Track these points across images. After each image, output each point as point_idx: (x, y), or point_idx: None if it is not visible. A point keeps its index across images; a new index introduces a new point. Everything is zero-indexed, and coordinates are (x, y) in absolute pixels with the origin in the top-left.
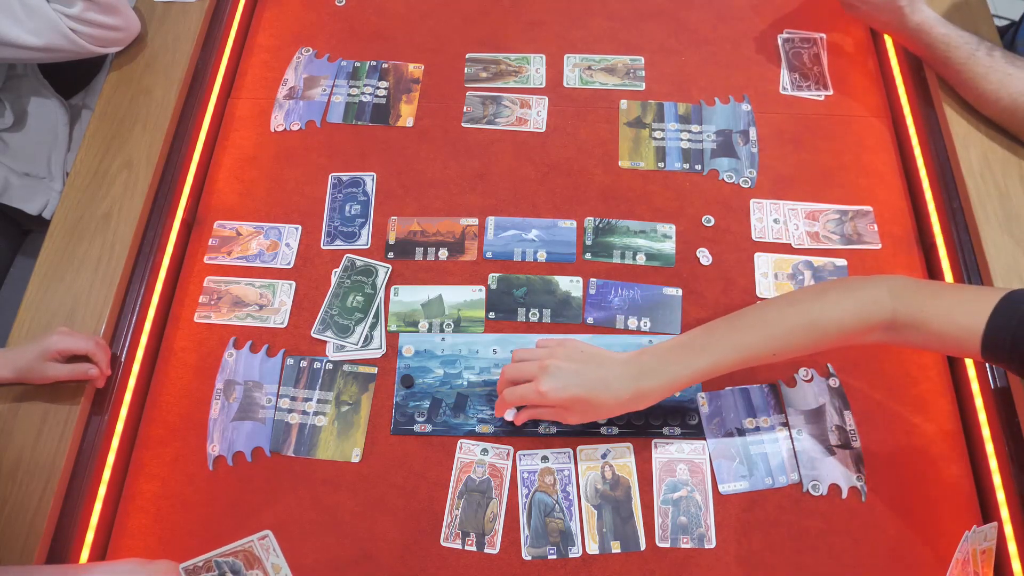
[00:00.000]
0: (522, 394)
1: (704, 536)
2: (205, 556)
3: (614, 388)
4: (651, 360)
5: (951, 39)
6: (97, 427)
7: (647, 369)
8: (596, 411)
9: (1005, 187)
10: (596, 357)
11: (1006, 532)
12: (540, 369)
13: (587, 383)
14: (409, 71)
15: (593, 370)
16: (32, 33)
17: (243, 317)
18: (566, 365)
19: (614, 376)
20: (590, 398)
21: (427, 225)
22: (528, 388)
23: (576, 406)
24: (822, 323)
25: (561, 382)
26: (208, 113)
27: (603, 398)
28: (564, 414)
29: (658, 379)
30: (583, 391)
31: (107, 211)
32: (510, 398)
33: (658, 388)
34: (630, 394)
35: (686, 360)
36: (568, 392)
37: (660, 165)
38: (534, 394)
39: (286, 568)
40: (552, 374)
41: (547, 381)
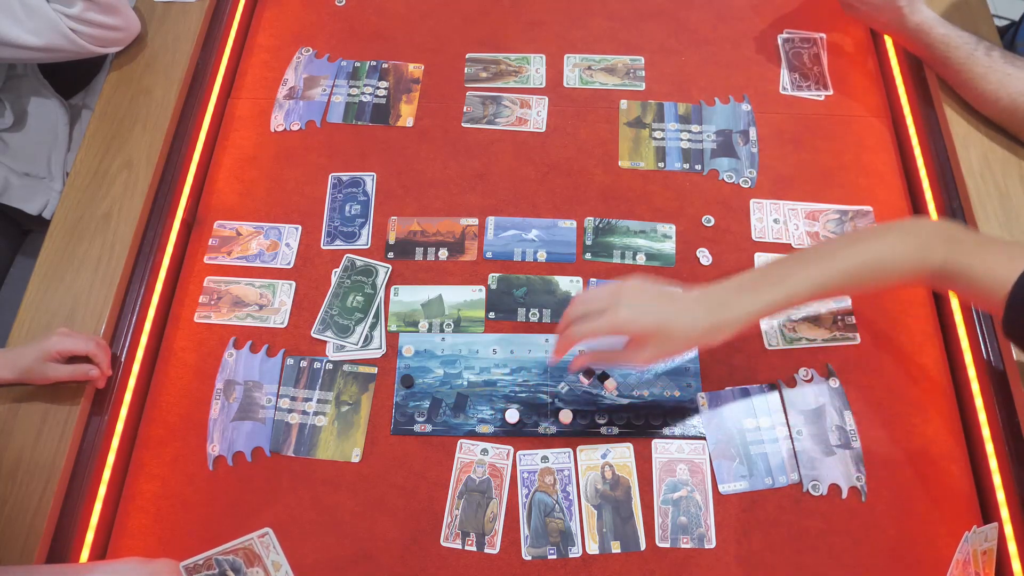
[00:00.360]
0: (594, 327)
1: (704, 536)
2: (205, 554)
3: (691, 318)
4: (725, 293)
5: (951, 39)
6: (97, 427)
7: (723, 301)
8: (673, 343)
9: (1005, 187)
10: (667, 290)
11: (1006, 532)
12: (613, 299)
13: (664, 311)
14: (409, 71)
15: (668, 301)
16: (32, 33)
17: (243, 317)
18: (641, 295)
19: (689, 308)
20: (669, 328)
21: (427, 225)
22: (601, 320)
23: (653, 337)
24: (886, 264)
25: (638, 310)
26: (208, 113)
27: (681, 327)
28: (638, 349)
29: (734, 311)
30: (661, 319)
31: (107, 211)
32: (579, 332)
33: (734, 320)
34: (707, 324)
35: (761, 293)
36: (646, 320)
37: (660, 165)
38: (608, 325)
39: (286, 565)
40: (628, 303)
41: (623, 310)
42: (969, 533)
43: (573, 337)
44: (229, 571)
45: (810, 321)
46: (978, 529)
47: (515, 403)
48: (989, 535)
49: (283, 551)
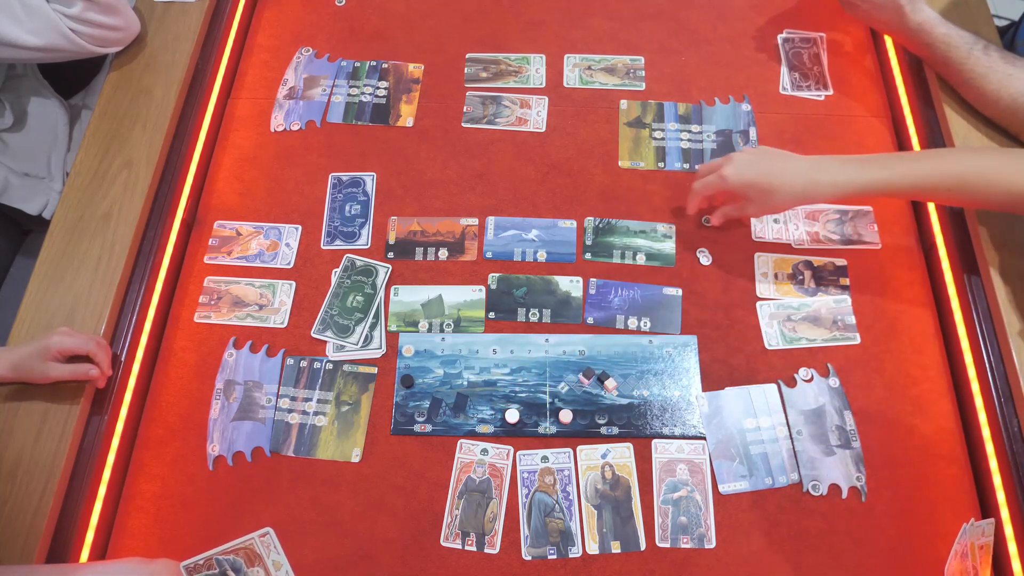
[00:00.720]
0: (707, 181)
1: (704, 536)
2: (206, 554)
3: (789, 175)
4: (830, 161)
5: (951, 39)
6: (97, 427)
7: (824, 165)
8: (771, 197)
9: None
10: (780, 153)
11: (1006, 532)
12: (725, 159)
13: (764, 168)
14: (409, 71)
15: (772, 159)
16: (32, 33)
17: (243, 317)
18: (749, 155)
19: (791, 166)
20: (766, 183)
21: (427, 225)
22: (713, 175)
23: (752, 191)
24: (1003, 177)
25: (741, 167)
26: (208, 113)
27: (778, 183)
28: (743, 203)
29: (832, 176)
30: (759, 175)
31: (107, 211)
32: (698, 186)
33: (831, 184)
34: (803, 183)
35: (864, 169)
36: (746, 175)
37: (660, 165)
38: (717, 178)
39: (287, 565)
40: (734, 161)
41: (728, 167)
42: (967, 525)
43: (696, 190)
44: (230, 571)
45: (810, 321)
46: (976, 523)
47: (515, 403)
48: (987, 530)
49: (283, 551)
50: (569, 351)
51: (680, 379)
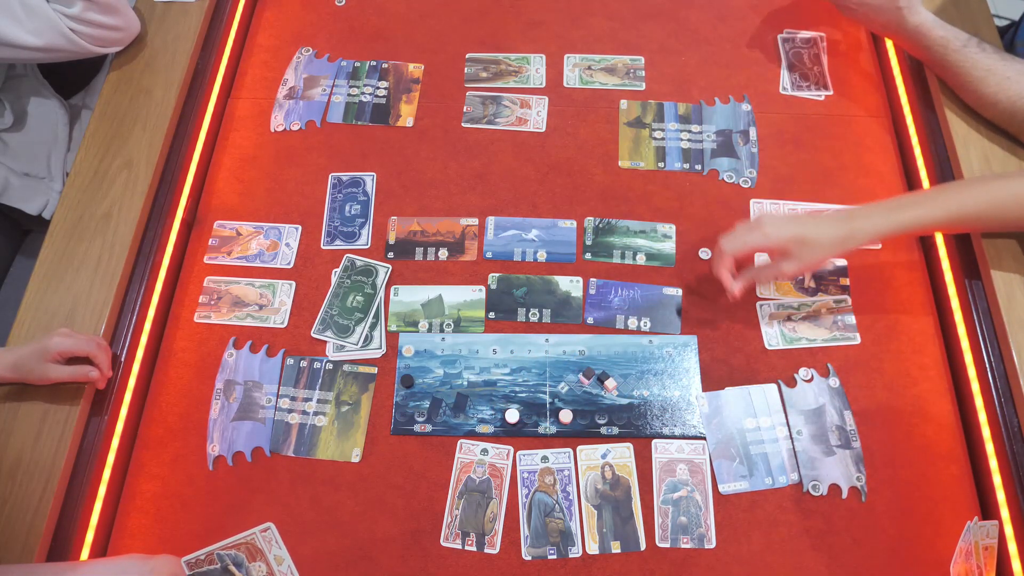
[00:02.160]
0: (745, 239)
1: (704, 536)
2: (207, 549)
3: (827, 225)
4: (861, 209)
5: (949, 42)
6: (97, 427)
7: (861, 212)
8: (812, 249)
9: None
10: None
11: (1006, 532)
12: (757, 221)
13: (803, 222)
14: (409, 71)
15: (806, 216)
16: (32, 33)
17: (243, 317)
18: (780, 215)
19: (827, 218)
20: (808, 237)
21: (427, 225)
22: (748, 235)
23: (793, 244)
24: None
25: (780, 223)
26: (208, 113)
27: (817, 233)
28: (783, 261)
29: (871, 220)
30: (799, 228)
31: (107, 211)
32: (731, 245)
33: (871, 228)
34: (844, 231)
35: (901, 210)
36: (786, 230)
37: (660, 165)
38: (759, 235)
39: (288, 560)
40: (772, 219)
41: (767, 224)
42: (971, 523)
43: (724, 250)
44: (231, 565)
45: (810, 321)
46: (980, 523)
47: (515, 403)
48: (991, 531)
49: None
50: (569, 351)
51: (680, 379)
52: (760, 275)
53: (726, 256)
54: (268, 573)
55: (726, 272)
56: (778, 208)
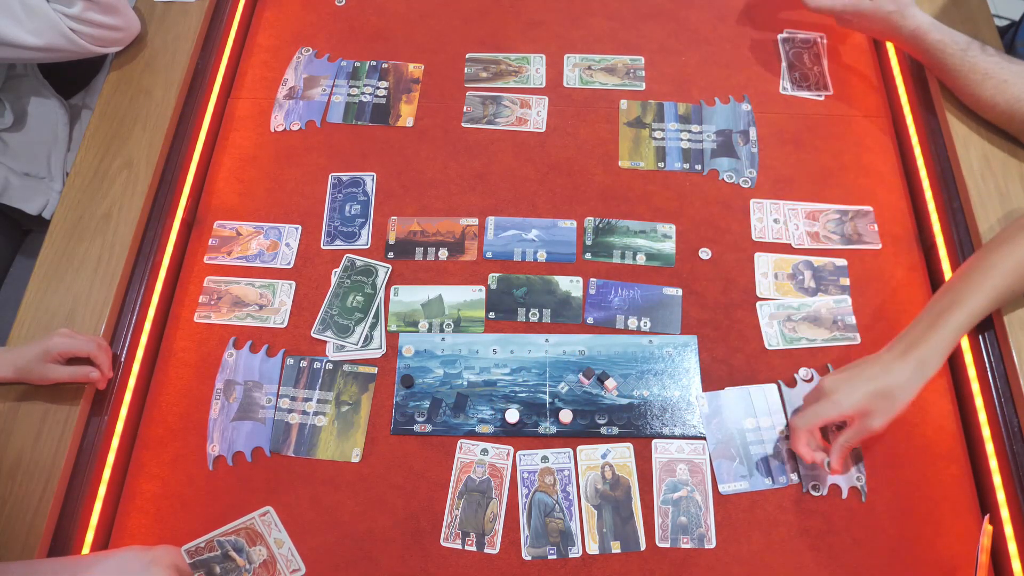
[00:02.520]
0: (818, 413)
1: (704, 536)
2: (207, 536)
3: (898, 371)
4: (915, 336)
5: (945, 45)
6: (97, 427)
7: (917, 341)
8: (894, 399)
9: (1005, 187)
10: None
11: (1006, 532)
12: (822, 390)
13: (871, 377)
14: (409, 71)
15: (868, 366)
16: (32, 33)
17: (243, 317)
18: (841, 375)
19: (889, 362)
20: (882, 388)
21: (427, 225)
22: (820, 404)
23: (873, 403)
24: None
25: (849, 387)
26: (208, 113)
27: (891, 381)
28: (868, 421)
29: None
30: (874, 386)
31: (107, 211)
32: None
33: (934, 350)
34: (913, 367)
35: (949, 314)
36: (858, 392)
37: (660, 165)
38: (830, 406)
39: (289, 542)
40: (838, 384)
41: (836, 392)
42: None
43: (798, 428)
44: (231, 551)
45: (810, 321)
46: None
47: (515, 403)
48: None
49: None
50: (569, 351)
51: (680, 379)
52: (850, 441)
53: (801, 433)
54: (269, 556)
55: (805, 448)
56: (778, 208)
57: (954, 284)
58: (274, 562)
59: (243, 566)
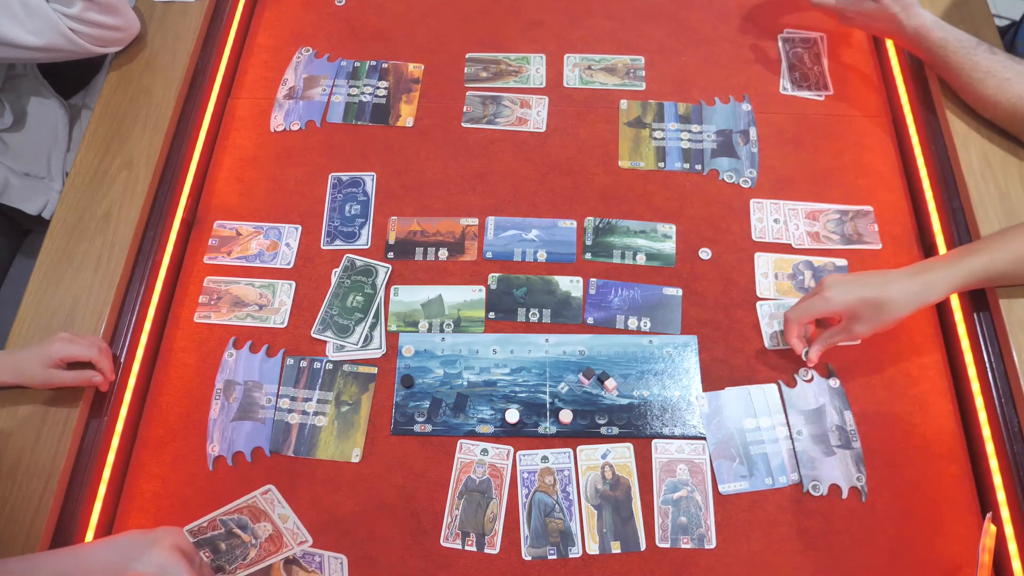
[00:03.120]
0: (808, 305)
1: (704, 536)
2: (209, 516)
3: (898, 282)
4: (929, 261)
5: (948, 43)
6: (97, 427)
7: (927, 267)
8: (884, 310)
9: (1005, 187)
10: (869, 271)
11: (1006, 532)
12: (821, 285)
13: (869, 282)
14: (409, 71)
15: (871, 275)
16: (32, 33)
17: (243, 317)
18: (845, 276)
19: (895, 274)
20: (875, 296)
21: (427, 225)
22: (814, 299)
23: (862, 307)
24: None
25: (844, 288)
26: (208, 113)
27: (890, 293)
28: (850, 324)
29: (941, 272)
30: (867, 289)
31: (107, 211)
32: (795, 314)
33: (942, 279)
34: (916, 287)
35: (967, 256)
36: (852, 294)
37: (660, 165)
38: (820, 301)
39: (294, 516)
40: (833, 284)
41: (829, 290)
42: (989, 514)
43: (789, 319)
44: (235, 528)
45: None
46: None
47: (515, 403)
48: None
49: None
50: (569, 351)
51: (680, 379)
52: (832, 340)
53: (792, 325)
54: (274, 531)
55: (796, 340)
56: (778, 208)
57: (988, 236)
58: (280, 536)
59: (248, 541)
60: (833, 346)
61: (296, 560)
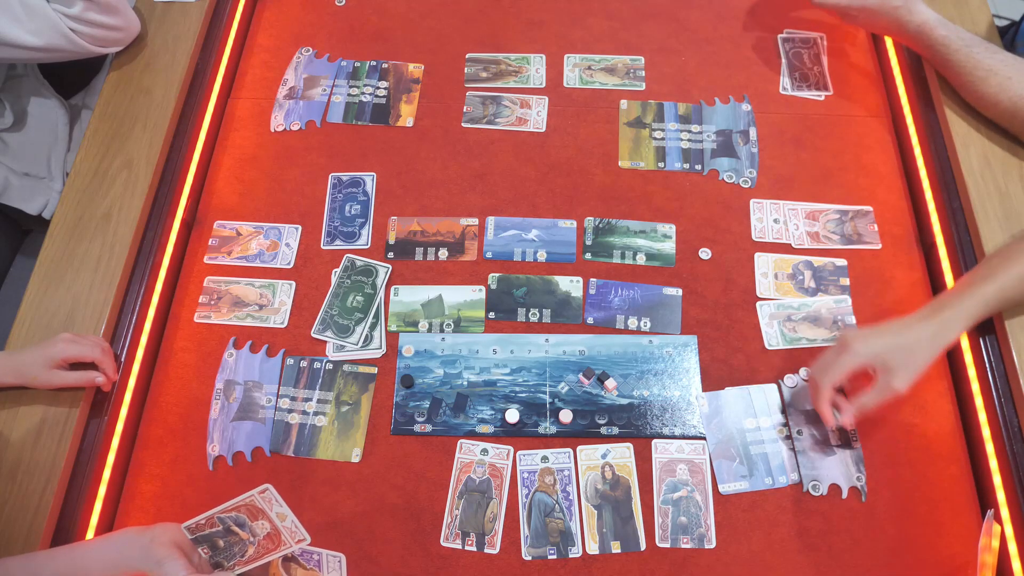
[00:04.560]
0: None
1: (704, 536)
2: (207, 513)
3: (918, 327)
4: (941, 300)
5: (950, 42)
6: (97, 427)
7: (941, 304)
8: (913, 354)
9: (1005, 187)
10: (884, 323)
11: (1006, 532)
12: (842, 342)
13: (890, 331)
14: (409, 71)
15: (890, 324)
16: (32, 33)
17: (243, 317)
18: (863, 328)
19: (911, 320)
20: (901, 341)
21: (427, 225)
22: (841, 356)
23: (891, 356)
24: None
25: (867, 338)
26: (208, 113)
27: (911, 336)
28: (890, 378)
29: (955, 308)
30: (892, 337)
31: (107, 211)
32: (827, 377)
33: (958, 315)
34: (934, 327)
35: (978, 286)
36: (879, 343)
37: (660, 165)
38: (848, 356)
39: (292, 515)
40: (857, 335)
41: (855, 341)
42: (990, 511)
43: (821, 384)
44: (233, 526)
45: (810, 321)
46: (994, 524)
47: (515, 403)
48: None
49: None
50: (569, 351)
51: (680, 379)
52: (871, 402)
53: (826, 390)
54: (272, 529)
55: (829, 408)
56: (778, 208)
57: (991, 260)
58: (278, 534)
59: (247, 539)
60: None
61: (294, 558)
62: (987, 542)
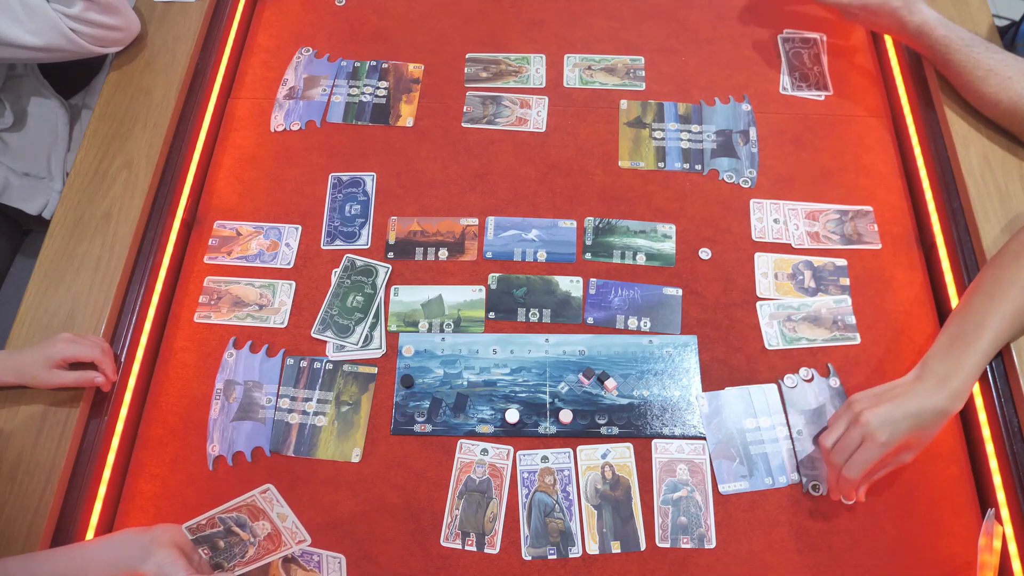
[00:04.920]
0: (865, 458)
1: (704, 536)
2: (208, 514)
3: (934, 405)
4: (942, 364)
5: (951, 41)
6: (97, 427)
7: (948, 371)
8: (930, 433)
9: (1005, 187)
10: (893, 391)
11: (1006, 532)
12: (862, 427)
13: (911, 411)
14: (409, 71)
15: (905, 401)
16: (32, 33)
17: (243, 317)
18: (881, 410)
19: (925, 395)
20: (923, 424)
21: (427, 225)
22: (866, 447)
23: (915, 439)
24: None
25: (891, 423)
26: (208, 113)
27: (932, 418)
28: (903, 454)
29: (958, 373)
30: (912, 420)
31: (107, 211)
32: (857, 470)
33: (963, 379)
34: (946, 399)
35: (972, 338)
36: (900, 427)
37: (660, 165)
38: (877, 448)
39: (292, 516)
40: (878, 420)
41: (880, 432)
42: (991, 511)
43: (852, 479)
44: (234, 526)
45: (810, 321)
46: (995, 523)
47: (515, 403)
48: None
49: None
50: (569, 351)
51: (680, 379)
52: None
53: (859, 482)
54: (273, 529)
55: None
56: (778, 208)
57: (975, 304)
58: (279, 535)
59: (247, 539)
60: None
61: (295, 559)
62: (987, 542)
